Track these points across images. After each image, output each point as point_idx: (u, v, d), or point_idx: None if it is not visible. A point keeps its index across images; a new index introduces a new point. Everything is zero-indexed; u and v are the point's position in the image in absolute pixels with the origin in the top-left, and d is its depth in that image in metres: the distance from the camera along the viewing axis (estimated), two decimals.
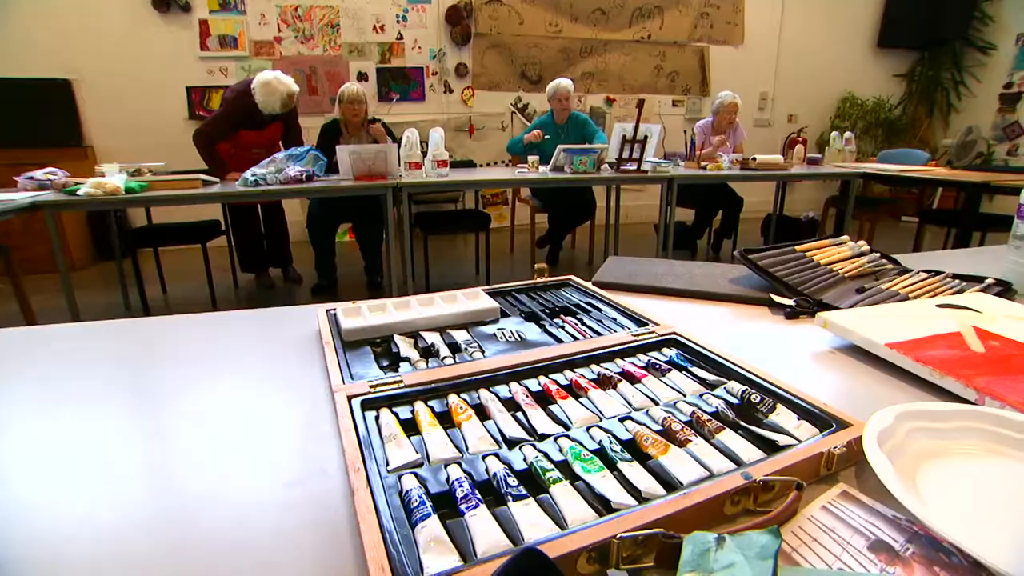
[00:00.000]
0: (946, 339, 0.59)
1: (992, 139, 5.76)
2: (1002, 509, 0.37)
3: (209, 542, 0.35)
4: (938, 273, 0.89)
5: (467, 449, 0.43)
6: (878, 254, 0.94)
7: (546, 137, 3.52)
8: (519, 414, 0.47)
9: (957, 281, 0.86)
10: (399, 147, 2.84)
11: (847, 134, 4.22)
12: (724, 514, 0.36)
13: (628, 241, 4.29)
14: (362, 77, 4.73)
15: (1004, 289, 0.84)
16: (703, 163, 3.34)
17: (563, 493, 0.36)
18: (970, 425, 0.44)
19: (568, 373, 0.54)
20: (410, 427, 0.47)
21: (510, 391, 0.51)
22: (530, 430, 0.45)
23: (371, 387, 0.51)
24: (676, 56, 5.52)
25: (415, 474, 0.39)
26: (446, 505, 0.37)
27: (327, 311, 0.72)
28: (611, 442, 0.42)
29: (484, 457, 0.41)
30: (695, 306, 0.77)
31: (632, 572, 0.32)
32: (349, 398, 0.49)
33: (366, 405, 0.49)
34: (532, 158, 3.12)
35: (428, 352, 0.61)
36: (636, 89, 5.42)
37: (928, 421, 0.44)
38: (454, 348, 0.62)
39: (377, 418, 0.48)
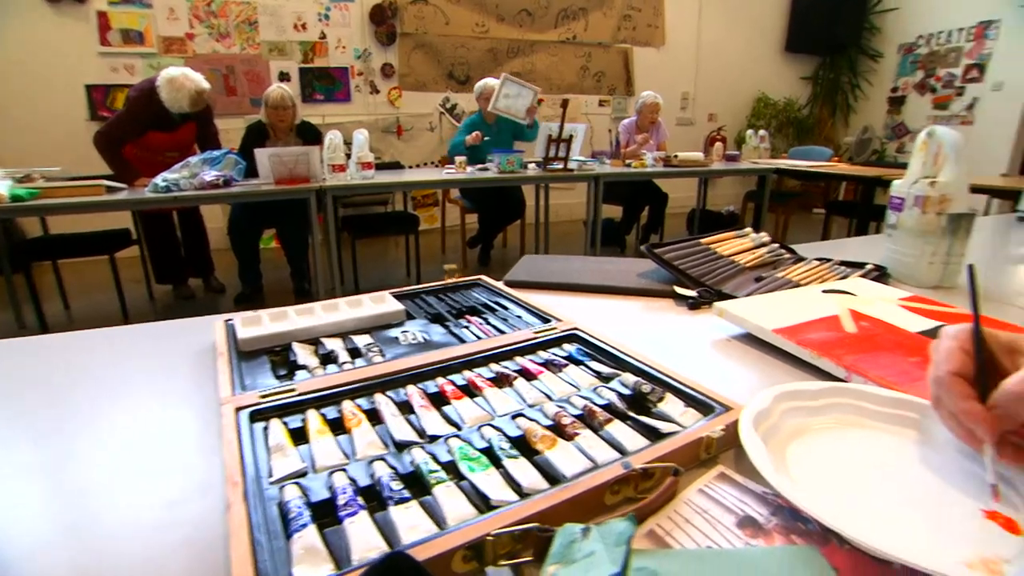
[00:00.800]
0: (826, 322, 0.63)
1: (884, 138, 6.26)
2: (854, 475, 0.40)
3: (81, 571, 0.33)
4: (828, 260, 0.95)
5: (355, 455, 0.42)
6: (777, 244, 1.00)
7: (486, 138, 3.52)
8: (412, 417, 0.47)
9: (843, 267, 0.93)
10: (322, 149, 2.76)
11: (761, 132, 4.47)
12: (605, 504, 0.36)
13: (558, 239, 4.36)
14: (284, 77, 4.56)
15: (881, 274, 0.91)
16: (628, 161, 3.44)
17: (446, 493, 0.36)
18: (838, 401, 0.47)
19: (467, 373, 0.54)
20: (300, 436, 0.45)
21: (405, 394, 0.50)
22: (421, 432, 0.44)
23: (261, 397, 0.49)
24: (601, 57, 5.66)
25: (298, 484, 0.38)
26: (328, 513, 0.36)
27: (225, 321, 0.69)
28: (500, 440, 0.42)
29: (371, 462, 0.40)
30: (604, 301, 0.79)
31: (514, 568, 0.32)
32: (237, 410, 0.47)
33: (255, 416, 0.47)
34: (459, 159, 3.11)
35: (328, 359, 0.59)
36: (563, 89, 5.51)
37: (801, 400, 0.46)
38: (355, 353, 0.60)
39: (266, 429, 0.46)
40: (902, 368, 0.53)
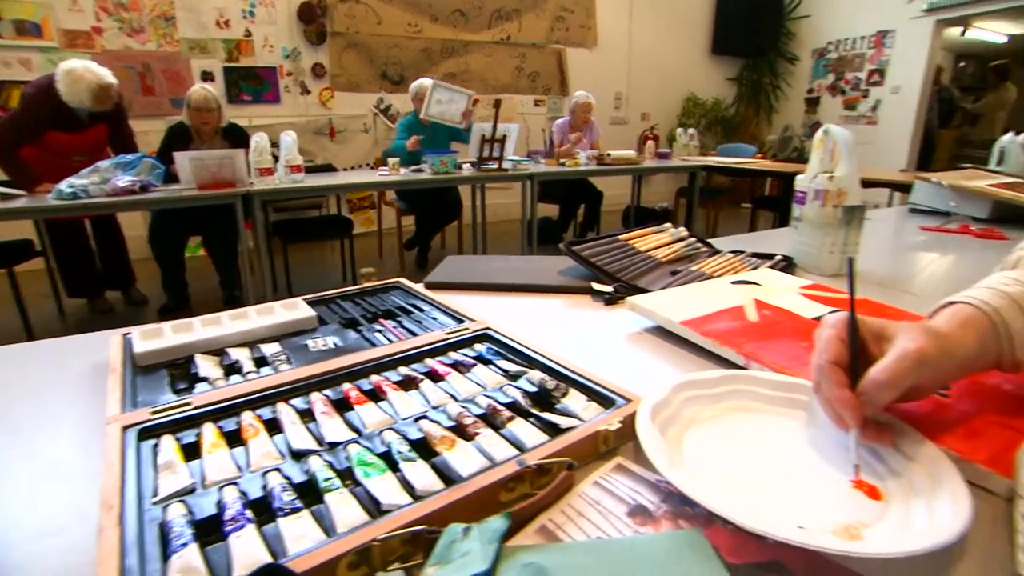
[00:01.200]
0: (730, 312, 0.66)
1: (803, 136, 6.64)
2: (744, 457, 0.42)
3: None
4: (742, 253, 1.00)
5: (249, 467, 0.40)
6: (694, 239, 1.04)
7: (422, 137, 3.47)
8: (313, 424, 0.46)
9: (755, 259, 0.97)
10: (247, 152, 2.65)
11: (691, 131, 4.64)
12: (500, 502, 0.36)
13: (496, 238, 4.37)
14: (207, 77, 4.35)
15: (788, 264, 0.96)
16: (562, 160, 3.49)
17: (338, 501, 0.35)
18: (734, 388, 0.49)
19: (374, 377, 0.53)
20: (195, 451, 0.43)
21: (308, 402, 0.49)
22: (320, 440, 0.43)
23: (152, 414, 0.46)
24: (535, 57, 5.72)
25: (184, 502, 0.36)
26: (214, 530, 0.35)
27: (124, 335, 0.65)
28: (400, 443, 0.41)
29: (265, 473, 0.39)
30: (525, 299, 0.80)
31: (407, 572, 0.32)
32: (124, 428, 0.44)
33: (144, 434, 0.45)
34: (393, 160, 3.07)
35: (233, 369, 0.57)
36: (499, 89, 5.53)
37: (700, 389, 0.48)
38: (261, 362, 0.58)
39: (156, 447, 0.43)
40: (795, 353, 0.56)
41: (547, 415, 0.45)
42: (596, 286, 0.77)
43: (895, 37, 5.78)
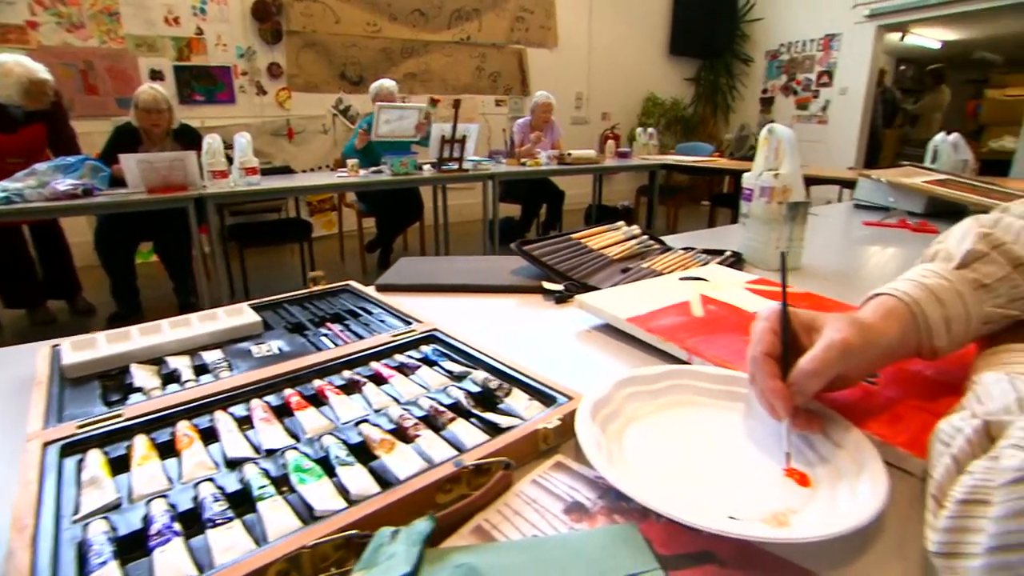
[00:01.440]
0: (677, 308, 0.67)
1: (758, 135, 6.84)
2: (682, 450, 0.42)
3: None
4: (692, 249, 1.02)
5: (180, 478, 0.39)
6: (646, 236, 1.05)
7: (375, 139, 3.42)
8: (252, 432, 0.44)
9: (705, 255, 1.00)
10: (200, 154, 2.57)
11: (650, 130, 4.71)
12: (437, 504, 0.36)
13: (459, 239, 4.35)
14: (156, 76, 4.20)
15: (736, 259, 0.98)
16: (523, 160, 3.50)
17: (270, 509, 0.35)
18: (675, 383, 0.50)
19: (317, 382, 0.52)
20: (124, 465, 0.41)
21: (247, 409, 0.47)
22: (257, 448, 0.42)
23: (79, 428, 0.45)
24: (496, 57, 5.72)
25: (107, 518, 0.35)
26: (139, 545, 0.33)
27: (53, 346, 0.62)
28: (338, 448, 0.41)
29: (197, 484, 0.38)
30: (477, 300, 0.80)
31: None
32: (45, 444, 0.43)
33: (68, 450, 0.43)
34: (351, 161, 3.02)
35: (171, 378, 0.55)
36: (459, 89, 5.51)
37: (642, 385, 0.49)
38: (201, 370, 0.56)
39: (81, 462, 0.41)
40: (737, 347, 0.57)
41: (489, 415, 0.45)
42: (547, 285, 0.78)
43: (841, 40, 6.01)
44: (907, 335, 0.45)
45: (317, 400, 0.50)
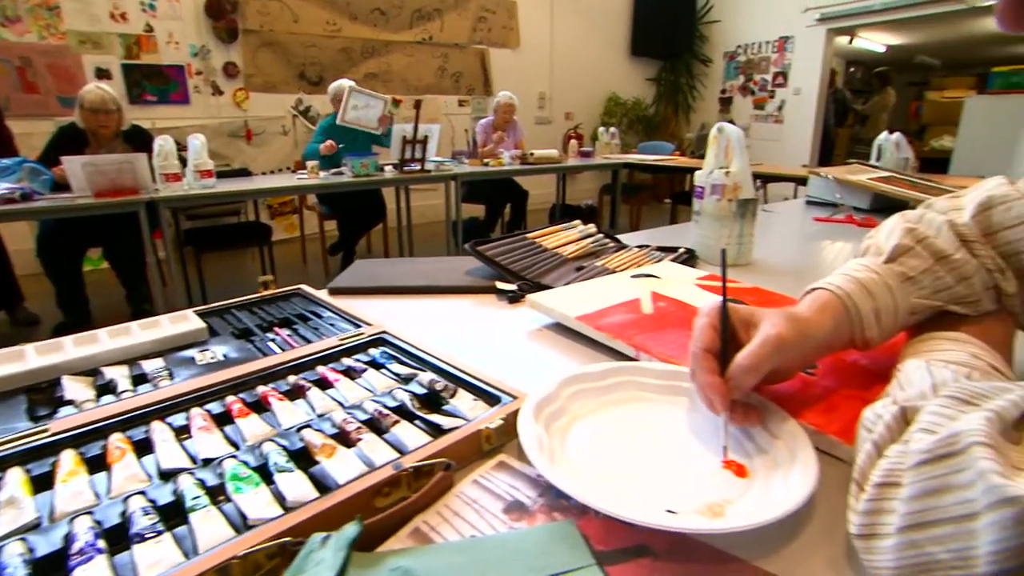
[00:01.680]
0: (627, 305, 0.68)
1: None
2: (625, 446, 0.43)
3: None
4: (647, 247, 1.03)
5: (108, 493, 0.38)
6: (602, 234, 1.06)
7: (341, 145, 3.36)
8: (189, 442, 0.43)
9: (659, 252, 1.01)
10: (151, 156, 2.48)
11: (612, 129, 4.77)
12: (376, 507, 0.36)
13: (424, 240, 4.33)
14: (103, 74, 4.03)
15: (690, 256, 1.00)
16: (486, 160, 3.50)
17: (203, 519, 0.34)
18: (621, 379, 0.50)
19: (261, 388, 0.50)
20: (49, 482, 0.40)
21: (187, 418, 0.46)
22: (194, 458, 0.41)
23: None
24: (458, 57, 5.70)
25: (24, 539, 0.33)
26: (58, 566, 0.32)
27: None
28: (278, 454, 0.40)
29: (127, 498, 0.36)
30: (430, 301, 0.79)
31: None
32: None
33: None
34: (311, 163, 2.97)
35: (107, 389, 0.53)
36: (421, 90, 5.47)
37: (587, 382, 0.49)
38: (140, 380, 0.54)
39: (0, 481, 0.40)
40: (683, 342, 0.58)
41: (433, 417, 0.45)
42: (500, 285, 0.78)
43: (795, 42, 6.21)
44: (840, 327, 0.46)
45: (260, 407, 0.49)
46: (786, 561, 0.33)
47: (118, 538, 0.34)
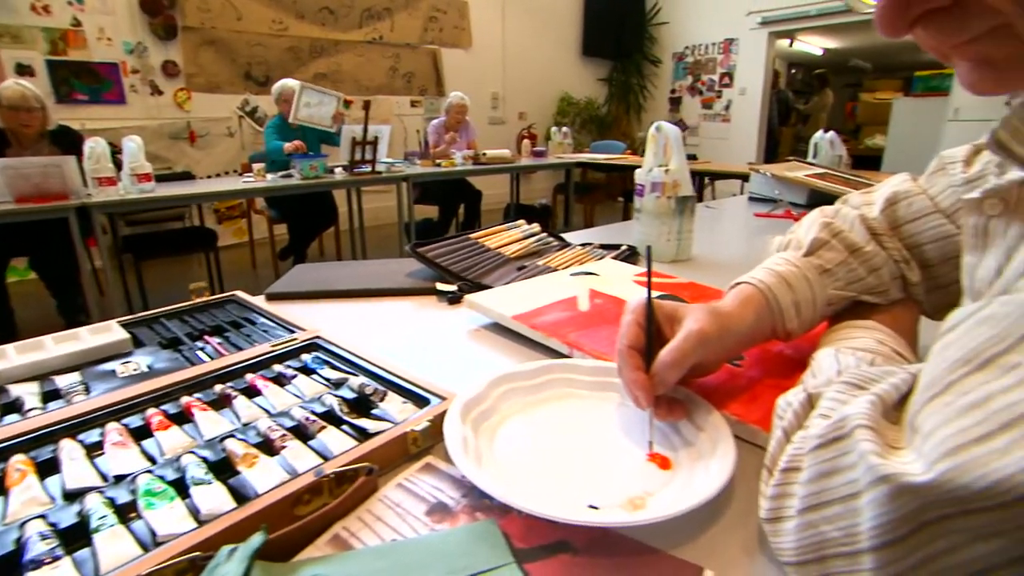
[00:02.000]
0: (563, 303, 0.69)
1: None
2: (553, 443, 0.43)
3: None
4: (589, 245, 1.05)
5: (3, 519, 0.35)
6: (545, 233, 1.07)
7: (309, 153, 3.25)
8: (102, 459, 0.41)
9: (601, 250, 1.03)
10: (81, 159, 2.36)
11: (564, 129, 4.81)
12: (297, 516, 0.35)
13: (378, 242, 4.27)
14: (24, 71, 3.78)
15: (631, 253, 1.02)
16: (438, 161, 3.48)
17: (108, 540, 0.32)
18: (553, 377, 0.51)
19: (185, 399, 0.49)
20: None
21: (101, 434, 0.44)
22: (105, 476, 0.39)
23: None
24: (410, 57, 5.64)
25: None
26: None
27: None
28: (197, 467, 0.38)
29: (24, 523, 0.34)
30: (370, 304, 0.78)
31: None
32: None
33: None
34: (257, 166, 2.89)
35: (11, 408, 0.50)
36: (373, 90, 5.39)
37: (519, 381, 0.49)
38: (52, 396, 0.52)
39: None
40: (616, 338, 0.59)
41: (362, 421, 0.44)
42: (440, 286, 0.77)
43: (739, 44, 6.42)
44: (762, 319, 0.48)
45: (183, 418, 0.47)
46: (702, 549, 0.34)
47: (9, 568, 0.32)
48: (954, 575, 0.23)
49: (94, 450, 0.43)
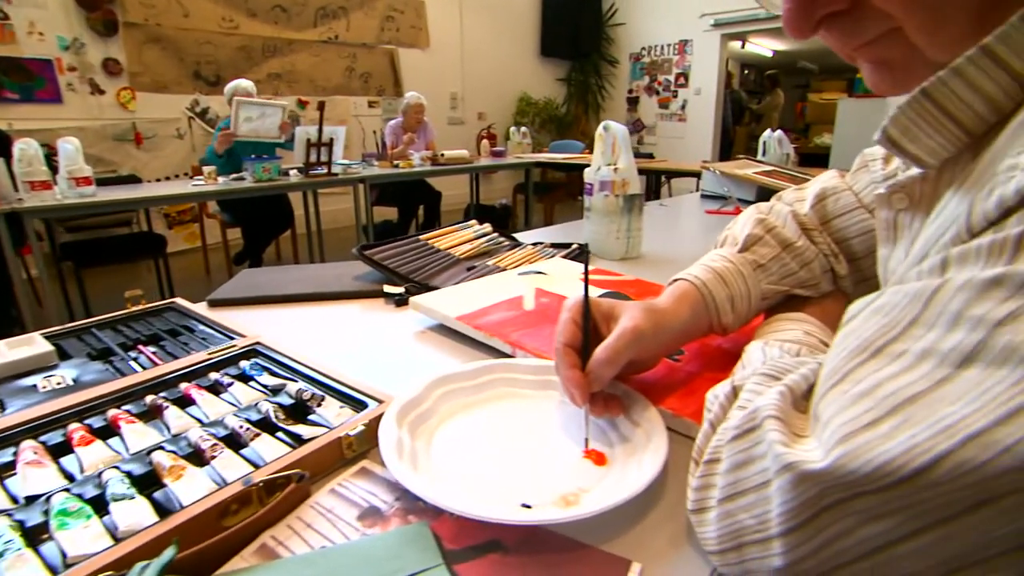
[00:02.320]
0: (509, 303, 0.69)
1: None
2: (492, 443, 0.43)
3: None
4: (541, 244, 1.05)
5: None
6: (496, 233, 1.07)
7: (236, 140, 3.14)
8: (13, 478, 0.39)
9: (552, 249, 1.03)
10: (10, 162, 2.23)
11: (523, 129, 4.83)
12: (224, 527, 0.34)
13: (336, 245, 4.19)
14: None
15: (582, 251, 1.03)
16: (395, 162, 3.44)
17: (11, 565, 0.31)
18: (493, 377, 0.51)
19: (112, 411, 0.47)
20: None
21: (15, 453, 0.42)
22: (15, 497, 0.37)
23: None
24: (366, 57, 5.56)
25: None
26: None
27: None
28: (119, 482, 0.37)
29: None
30: (315, 309, 0.76)
31: None
32: None
33: None
34: (208, 169, 2.80)
35: None
36: (329, 91, 5.30)
37: (459, 382, 0.49)
38: None
39: None
40: None
41: (298, 427, 0.43)
42: (387, 288, 0.77)
43: (693, 46, 6.57)
44: (698, 315, 0.49)
45: (109, 431, 0.45)
46: (632, 542, 0.35)
47: None
48: (849, 556, 0.24)
49: (5, 471, 0.41)
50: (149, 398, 0.49)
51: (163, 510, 0.35)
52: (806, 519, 0.24)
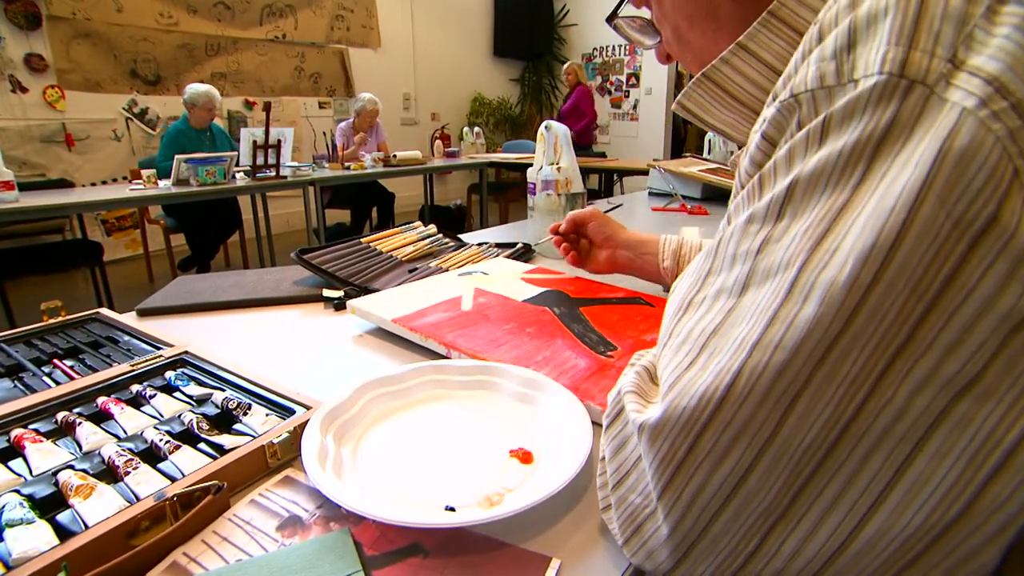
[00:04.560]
0: (447, 304, 0.69)
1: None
2: (418, 446, 0.43)
3: None
4: (485, 244, 1.06)
5: None
6: (441, 235, 1.07)
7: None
8: None
9: (497, 249, 1.04)
10: None
11: (476, 129, 4.83)
12: (132, 545, 0.33)
13: (285, 249, 4.08)
14: None
15: (527, 250, 1.04)
16: (346, 163, 3.39)
17: None
18: (423, 379, 0.51)
19: (17, 431, 0.44)
20: None
21: None
22: None
23: None
24: (316, 57, 5.44)
25: None
26: None
27: None
28: (17, 506, 0.35)
29: None
30: (253, 315, 0.75)
31: None
32: None
33: None
34: (147, 172, 2.68)
35: None
36: (278, 91, 5.16)
37: (389, 386, 0.49)
38: None
39: None
40: (494, 337, 0.60)
41: (222, 437, 0.42)
42: (326, 292, 0.75)
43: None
44: (648, 244, 0.72)
45: (12, 453, 0.43)
46: (553, 539, 0.35)
47: None
48: (716, 505, 0.24)
49: None
50: (61, 415, 0.47)
51: (68, 533, 0.34)
52: (671, 476, 0.25)
